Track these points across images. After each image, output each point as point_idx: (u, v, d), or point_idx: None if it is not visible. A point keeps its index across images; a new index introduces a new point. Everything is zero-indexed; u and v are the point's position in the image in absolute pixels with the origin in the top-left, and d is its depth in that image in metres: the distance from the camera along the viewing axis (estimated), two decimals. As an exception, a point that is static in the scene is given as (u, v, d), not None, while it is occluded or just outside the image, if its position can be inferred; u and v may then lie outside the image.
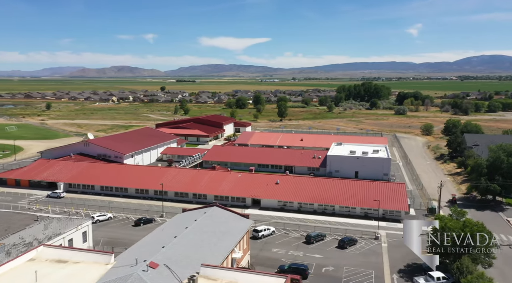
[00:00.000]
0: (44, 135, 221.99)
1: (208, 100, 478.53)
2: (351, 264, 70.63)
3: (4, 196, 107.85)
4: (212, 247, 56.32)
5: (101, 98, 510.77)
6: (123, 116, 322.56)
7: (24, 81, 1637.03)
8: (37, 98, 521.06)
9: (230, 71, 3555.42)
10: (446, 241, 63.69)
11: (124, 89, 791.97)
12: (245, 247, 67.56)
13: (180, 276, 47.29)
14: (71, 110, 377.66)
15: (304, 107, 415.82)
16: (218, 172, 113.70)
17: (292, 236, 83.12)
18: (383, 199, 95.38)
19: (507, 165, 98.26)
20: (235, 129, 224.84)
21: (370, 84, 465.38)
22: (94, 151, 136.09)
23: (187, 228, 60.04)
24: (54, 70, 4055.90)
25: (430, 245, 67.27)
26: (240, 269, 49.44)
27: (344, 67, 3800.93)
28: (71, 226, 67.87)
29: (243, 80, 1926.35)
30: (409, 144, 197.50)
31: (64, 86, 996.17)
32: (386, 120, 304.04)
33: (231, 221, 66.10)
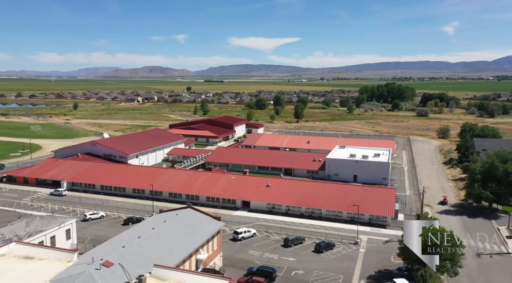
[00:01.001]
0: (65, 135, 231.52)
1: (230, 101, 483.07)
2: (322, 269, 71.26)
3: (11, 193, 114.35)
4: (173, 248, 58.56)
5: (127, 98, 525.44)
6: (144, 116, 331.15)
7: (60, 81, 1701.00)
8: (67, 98, 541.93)
9: (259, 71, 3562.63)
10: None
11: (153, 89, 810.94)
12: (215, 249, 69.47)
13: (132, 275, 49.69)
14: (96, 110, 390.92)
15: (324, 108, 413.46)
16: (213, 174, 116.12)
17: (272, 239, 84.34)
18: (370, 204, 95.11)
19: (502, 172, 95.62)
20: (247, 130, 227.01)
21: (393, 85, 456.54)
22: (101, 151, 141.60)
23: (154, 229, 62.57)
24: (90, 70, 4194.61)
25: (399, 251, 67.53)
26: (188, 271, 51.37)
27: (375, 66, 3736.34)
28: (53, 224, 71.85)
29: (271, 80, 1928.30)
30: (421, 147, 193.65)
31: (96, 86, 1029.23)
32: (405, 122, 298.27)
33: (201, 223, 68.15)
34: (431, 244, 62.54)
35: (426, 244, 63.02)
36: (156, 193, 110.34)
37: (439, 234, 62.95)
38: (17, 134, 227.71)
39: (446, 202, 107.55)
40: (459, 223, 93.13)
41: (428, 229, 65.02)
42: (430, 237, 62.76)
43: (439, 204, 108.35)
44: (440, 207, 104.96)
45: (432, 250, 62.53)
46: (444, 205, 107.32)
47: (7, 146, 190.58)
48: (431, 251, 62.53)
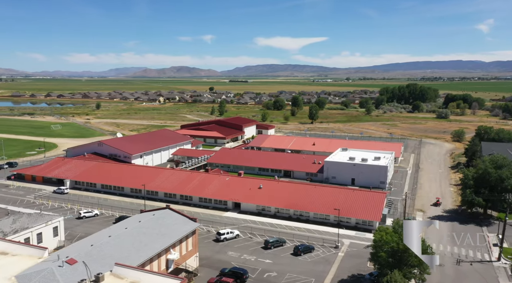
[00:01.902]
0: (82, 134, 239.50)
1: (249, 101, 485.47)
2: (296, 271, 72.02)
3: (18, 190, 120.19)
4: (141, 248, 60.78)
5: (149, 98, 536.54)
6: (162, 116, 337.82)
7: (91, 81, 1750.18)
8: (92, 98, 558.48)
9: (285, 71, 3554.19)
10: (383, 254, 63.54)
11: (177, 89, 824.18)
12: (190, 249, 71.37)
13: (94, 273, 52.20)
14: (118, 110, 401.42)
15: (343, 109, 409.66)
16: (208, 175, 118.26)
17: (254, 241, 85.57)
18: (357, 208, 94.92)
19: (494, 178, 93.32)
20: (258, 131, 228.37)
21: (415, 86, 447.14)
22: (106, 151, 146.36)
23: (127, 229, 65.08)
24: (120, 70, 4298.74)
25: (370, 256, 67.61)
26: (145, 270, 53.27)
27: (404, 66, 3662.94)
28: (40, 222, 75.61)
29: (296, 80, 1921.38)
30: (432, 150, 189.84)
31: (123, 86, 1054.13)
32: (423, 124, 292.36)
33: (175, 224, 70.16)
34: (400, 250, 62.86)
35: (394, 249, 63.52)
36: (152, 193, 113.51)
37: (407, 240, 62.79)
38: (38, 133, 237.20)
39: (439, 204, 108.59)
40: (448, 229, 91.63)
41: (396, 235, 65.08)
42: (398, 243, 63.23)
43: (432, 205, 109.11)
44: (432, 211, 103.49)
45: (400, 256, 63.07)
46: (437, 206, 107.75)
47: (26, 145, 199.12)
48: (399, 257, 63.04)
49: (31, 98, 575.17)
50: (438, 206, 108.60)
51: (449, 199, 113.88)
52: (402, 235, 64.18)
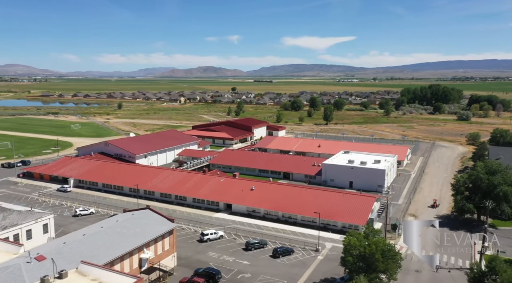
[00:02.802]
0: (99, 133, 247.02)
1: (268, 102, 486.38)
2: (270, 273, 72.96)
3: (25, 188, 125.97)
4: (112, 246, 63.27)
5: (171, 98, 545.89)
6: (179, 117, 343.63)
7: (120, 81, 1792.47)
8: (117, 98, 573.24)
9: (311, 71, 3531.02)
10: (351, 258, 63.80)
11: (201, 89, 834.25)
12: (167, 249, 73.48)
13: (60, 270, 54.95)
14: (138, 110, 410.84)
15: (362, 110, 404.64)
16: (204, 176, 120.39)
17: (237, 242, 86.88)
18: (344, 212, 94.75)
19: (486, 184, 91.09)
20: (268, 132, 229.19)
21: (438, 87, 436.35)
22: (112, 151, 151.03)
23: (102, 228, 67.82)
24: (149, 70, 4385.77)
25: (341, 261, 67.77)
26: (107, 268, 55.51)
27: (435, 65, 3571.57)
28: (30, 219, 79.41)
29: (321, 80, 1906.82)
30: (442, 154, 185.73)
31: (149, 86, 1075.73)
32: (441, 126, 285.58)
33: (152, 224, 72.39)
34: (367, 254, 62.92)
35: (361, 254, 63.62)
36: (149, 192, 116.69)
37: (375, 245, 62.80)
38: (58, 132, 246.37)
39: (436, 206, 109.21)
40: (436, 236, 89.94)
41: (365, 240, 65.05)
42: (366, 248, 63.30)
43: (430, 207, 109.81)
44: (425, 216, 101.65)
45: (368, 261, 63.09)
46: (434, 208, 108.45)
47: (43, 143, 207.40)
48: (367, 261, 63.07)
49: (59, 98, 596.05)
50: (435, 208, 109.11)
51: (445, 205, 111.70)
52: (371, 240, 64.71)
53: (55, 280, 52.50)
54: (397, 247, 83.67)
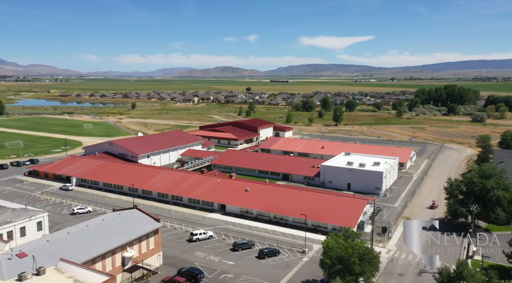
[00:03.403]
0: (110, 133, 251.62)
1: (280, 102, 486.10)
2: (253, 274, 73.69)
3: (29, 186, 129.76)
4: (94, 245, 64.97)
5: (184, 98, 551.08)
6: (190, 117, 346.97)
7: (138, 81, 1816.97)
8: (132, 98, 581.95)
9: (329, 71, 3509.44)
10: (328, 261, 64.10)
11: (217, 89, 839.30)
12: (152, 248, 74.97)
13: (39, 266, 56.90)
14: (151, 109, 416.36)
15: (375, 111, 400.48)
16: (202, 176, 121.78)
17: (226, 242, 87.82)
18: (335, 214, 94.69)
19: (479, 188, 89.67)
20: (275, 133, 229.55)
21: (453, 88, 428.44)
22: (116, 150, 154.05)
23: (88, 226, 69.72)
24: (167, 70, 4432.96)
25: (319, 263, 68.02)
26: (83, 266, 57.04)
27: (457, 65, 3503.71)
28: (24, 216, 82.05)
29: (338, 80, 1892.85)
30: (449, 156, 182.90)
31: (166, 86, 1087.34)
32: (454, 128, 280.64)
33: (137, 223, 73.91)
34: (343, 257, 63.08)
35: (338, 256, 63.78)
36: (147, 192, 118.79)
37: (351, 248, 62.91)
38: (70, 132, 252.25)
39: (434, 207, 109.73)
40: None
41: (343, 242, 65.15)
42: (343, 251, 63.44)
43: (428, 208, 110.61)
44: (420, 219, 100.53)
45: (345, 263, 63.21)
46: (432, 209, 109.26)
47: (54, 143, 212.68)
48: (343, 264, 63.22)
49: (76, 98, 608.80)
50: (433, 208, 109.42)
51: (443, 208, 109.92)
52: (348, 243, 64.84)
53: (33, 276, 54.47)
54: (385, 250, 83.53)
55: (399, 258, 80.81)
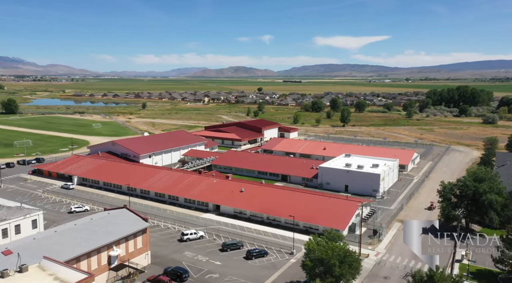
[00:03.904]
0: (118, 132, 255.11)
1: (290, 103, 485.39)
2: (238, 274, 74.34)
3: (32, 184, 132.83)
4: (80, 243, 66.43)
5: (195, 98, 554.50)
6: (199, 117, 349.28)
7: (152, 81, 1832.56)
8: (144, 98, 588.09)
9: (343, 71, 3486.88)
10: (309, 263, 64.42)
11: (228, 89, 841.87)
12: (140, 247, 76.23)
13: (22, 264, 58.53)
14: (161, 109, 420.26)
15: (385, 112, 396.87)
16: (199, 177, 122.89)
17: (216, 243, 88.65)
18: (326, 216, 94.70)
19: (473, 191, 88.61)
20: (280, 134, 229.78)
21: (466, 89, 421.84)
22: (119, 150, 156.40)
23: (76, 225, 71.36)
24: (181, 70, 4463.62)
25: (301, 265, 68.35)
26: (64, 264, 58.37)
27: (475, 65, 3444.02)
28: (19, 214, 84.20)
29: (352, 80, 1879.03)
30: (454, 159, 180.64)
31: (180, 86, 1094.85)
32: (463, 130, 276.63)
33: (125, 223, 75.22)
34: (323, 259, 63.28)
35: (318, 258, 64.01)
36: (145, 192, 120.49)
37: (331, 250, 63.08)
38: (79, 131, 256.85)
39: (433, 208, 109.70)
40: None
41: (325, 245, 65.31)
42: (323, 253, 63.66)
43: (426, 209, 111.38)
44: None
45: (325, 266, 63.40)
46: (431, 210, 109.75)
47: (62, 142, 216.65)
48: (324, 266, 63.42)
49: (90, 98, 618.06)
50: (432, 210, 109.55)
51: (438, 211, 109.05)
52: (329, 245, 65.01)
53: (15, 273, 56.12)
54: (374, 253, 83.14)
55: (387, 261, 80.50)
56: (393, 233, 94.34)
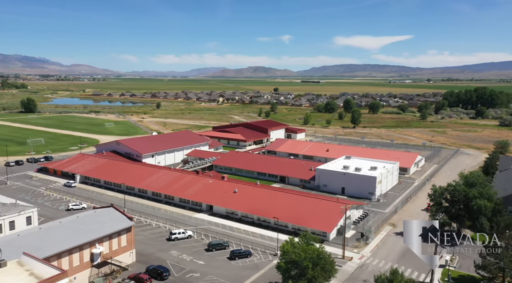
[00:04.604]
0: (128, 132, 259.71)
1: (304, 103, 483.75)
2: (218, 274, 75.34)
3: (37, 182, 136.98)
4: (62, 240, 68.51)
5: (210, 98, 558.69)
6: (210, 117, 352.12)
7: (172, 81, 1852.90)
8: (160, 98, 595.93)
9: (363, 71, 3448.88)
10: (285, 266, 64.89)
11: (244, 89, 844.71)
12: (124, 245, 78.06)
13: (1, 259, 60.85)
14: (175, 109, 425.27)
15: (399, 113, 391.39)
16: (196, 177, 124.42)
17: (203, 242, 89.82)
18: (314, 218, 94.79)
19: (463, 196, 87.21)
20: (286, 135, 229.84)
21: (484, 90, 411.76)
22: (122, 149, 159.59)
23: (61, 222, 73.67)
24: (201, 70, 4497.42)
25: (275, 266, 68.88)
26: (40, 260, 60.34)
27: (500, 66, 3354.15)
28: (13, 211, 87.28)
29: (372, 81, 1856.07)
30: (461, 162, 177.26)
31: (197, 86, 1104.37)
32: (477, 132, 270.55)
33: (109, 221, 77.10)
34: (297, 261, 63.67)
35: (292, 261, 64.44)
36: (143, 191, 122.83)
37: (304, 252, 63.39)
38: (91, 130, 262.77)
39: (429, 209, 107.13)
40: (405, 247, 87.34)
41: (300, 246, 65.64)
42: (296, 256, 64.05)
43: (424, 210, 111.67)
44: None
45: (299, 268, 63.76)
46: (428, 212, 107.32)
47: (74, 140, 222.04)
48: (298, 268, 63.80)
49: (108, 97, 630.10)
50: (428, 211, 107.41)
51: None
52: (302, 247, 65.34)
53: (-6, 268, 58.54)
54: (358, 256, 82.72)
55: (370, 265, 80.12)
56: (382, 236, 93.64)
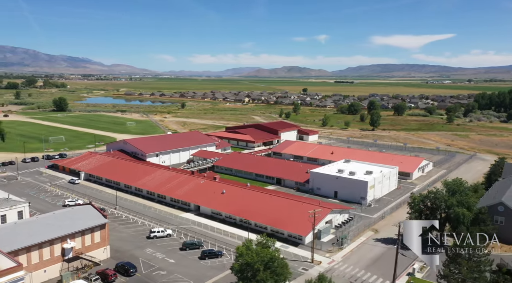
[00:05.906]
0: (147, 131, 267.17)
1: (328, 104, 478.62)
2: (184, 273, 77.39)
3: (44, 178, 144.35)
4: (34, 235, 72.68)
5: (236, 98, 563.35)
6: (231, 117, 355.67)
7: (205, 80, 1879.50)
8: (187, 97, 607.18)
9: (401, 71, 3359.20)
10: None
11: (274, 89, 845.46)
12: (98, 241, 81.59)
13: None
14: (199, 109, 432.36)
15: (426, 115, 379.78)
16: (189, 177, 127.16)
17: (179, 241, 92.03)
18: (292, 221, 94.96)
19: (445, 204, 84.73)
20: (299, 136, 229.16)
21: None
22: (129, 149, 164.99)
23: (37, 218, 78.08)
24: (236, 70, 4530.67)
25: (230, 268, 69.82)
26: (4, 254, 64.58)
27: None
28: (5, 206, 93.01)
29: (409, 81, 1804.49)
30: (473, 167, 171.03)
31: (230, 85, 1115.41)
32: (503, 137, 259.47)
33: (84, 218, 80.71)
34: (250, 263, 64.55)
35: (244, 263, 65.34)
36: (139, 189, 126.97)
37: (256, 255, 64.13)
38: (112, 129, 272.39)
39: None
40: (377, 253, 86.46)
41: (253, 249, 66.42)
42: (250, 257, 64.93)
43: None
44: (386, 233, 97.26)
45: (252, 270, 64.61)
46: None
47: (93, 139, 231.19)
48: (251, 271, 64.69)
49: (139, 97, 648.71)
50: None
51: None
52: (253, 250, 66.10)
53: (-38, 259, 63.15)
54: (328, 260, 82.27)
55: (337, 270, 79.60)
56: (359, 242, 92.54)
